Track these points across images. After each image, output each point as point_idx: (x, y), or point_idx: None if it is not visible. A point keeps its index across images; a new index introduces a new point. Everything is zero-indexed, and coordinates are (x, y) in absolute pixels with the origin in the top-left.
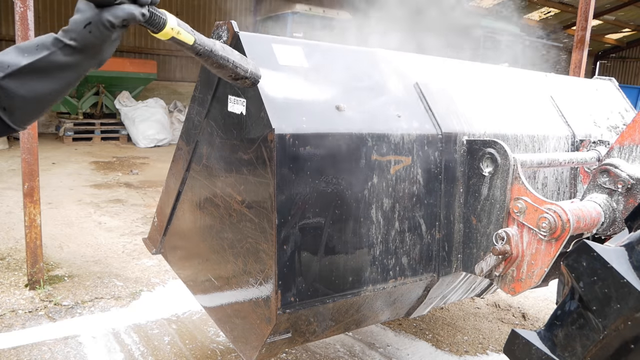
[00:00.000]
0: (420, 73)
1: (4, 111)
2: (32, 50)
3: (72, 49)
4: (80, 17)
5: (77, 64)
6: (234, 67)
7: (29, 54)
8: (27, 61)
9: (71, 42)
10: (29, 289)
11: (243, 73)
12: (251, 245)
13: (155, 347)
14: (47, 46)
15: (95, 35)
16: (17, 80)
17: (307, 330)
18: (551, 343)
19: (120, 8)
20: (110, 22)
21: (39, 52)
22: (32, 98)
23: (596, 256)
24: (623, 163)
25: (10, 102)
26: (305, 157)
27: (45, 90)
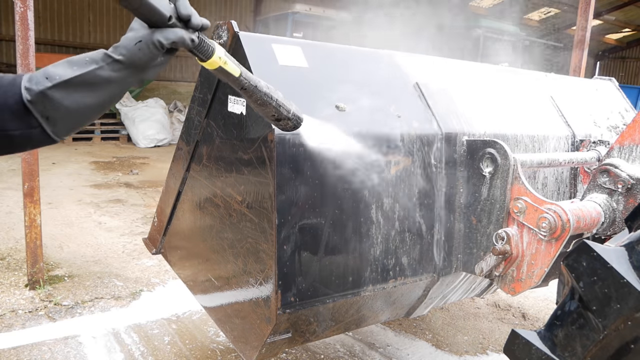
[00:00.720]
0: (421, 73)
1: (46, 120)
2: (82, 63)
3: (120, 64)
4: (132, 34)
5: (121, 80)
6: (277, 106)
7: (78, 67)
8: (76, 73)
9: (120, 58)
10: (29, 289)
11: (286, 113)
12: (251, 245)
13: (155, 347)
14: (97, 60)
15: (144, 53)
16: (64, 91)
17: (307, 330)
18: (551, 343)
19: (171, 31)
20: (160, 43)
21: (88, 65)
22: (76, 110)
23: (596, 256)
24: (623, 163)
25: (54, 112)
26: (305, 157)
27: (89, 103)
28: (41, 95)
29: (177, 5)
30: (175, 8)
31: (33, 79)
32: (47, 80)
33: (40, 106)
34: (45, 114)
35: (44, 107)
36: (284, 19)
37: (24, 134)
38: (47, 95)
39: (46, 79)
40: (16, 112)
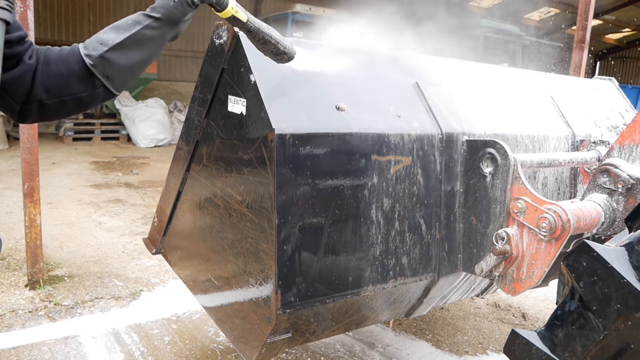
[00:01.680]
0: (421, 73)
1: (107, 79)
2: (127, 26)
3: (159, 21)
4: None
5: (161, 36)
6: (275, 43)
7: (124, 30)
8: (125, 35)
9: (159, 15)
10: (29, 289)
11: (282, 48)
12: (251, 245)
13: (155, 347)
14: (139, 21)
15: (179, 10)
16: (119, 52)
17: (307, 330)
18: (551, 343)
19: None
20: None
21: (133, 27)
22: (129, 66)
23: (596, 256)
24: (623, 163)
25: (112, 71)
26: (305, 157)
27: (139, 58)
28: (100, 58)
29: None
30: None
31: (89, 47)
32: (102, 46)
33: (100, 68)
34: (105, 73)
35: (103, 68)
36: (283, 19)
37: (90, 95)
38: (105, 58)
39: (101, 45)
40: (82, 76)
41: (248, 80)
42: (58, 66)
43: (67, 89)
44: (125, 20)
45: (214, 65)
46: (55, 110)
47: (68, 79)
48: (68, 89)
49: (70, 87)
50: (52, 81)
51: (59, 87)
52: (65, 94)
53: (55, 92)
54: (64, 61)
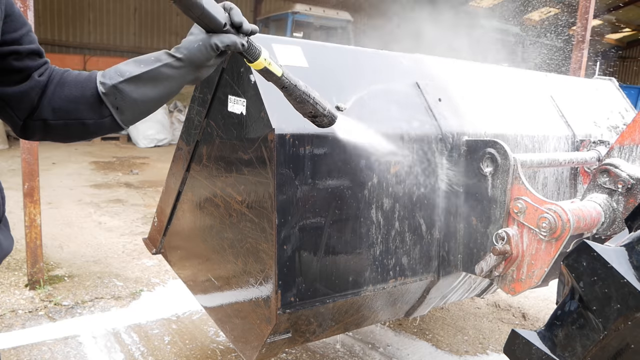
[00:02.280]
0: (421, 73)
1: (116, 110)
2: (148, 61)
3: (181, 62)
4: (193, 37)
5: (180, 77)
6: (314, 104)
7: (145, 64)
8: (144, 70)
9: (181, 56)
10: (29, 288)
11: (322, 110)
12: (251, 245)
13: (155, 347)
14: (161, 59)
15: (202, 54)
16: (133, 85)
17: (307, 330)
18: (551, 343)
19: (226, 36)
20: (216, 45)
21: (154, 63)
22: (142, 101)
23: (596, 256)
24: (623, 163)
25: (123, 103)
26: (305, 157)
27: (153, 95)
28: (113, 88)
29: (230, 14)
30: (229, 16)
31: (106, 75)
32: (118, 76)
33: (112, 97)
34: (116, 104)
35: (115, 99)
36: (283, 19)
37: (97, 123)
38: (119, 88)
39: (118, 75)
40: (92, 104)
41: (248, 80)
42: (71, 89)
43: (75, 113)
44: (148, 55)
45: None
46: (60, 132)
47: (77, 103)
48: (75, 113)
49: (78, 111)
50: (61, 103)
51: (67, 110)
52: (72, 117)
53: (62, 114)
54: (78, 85)
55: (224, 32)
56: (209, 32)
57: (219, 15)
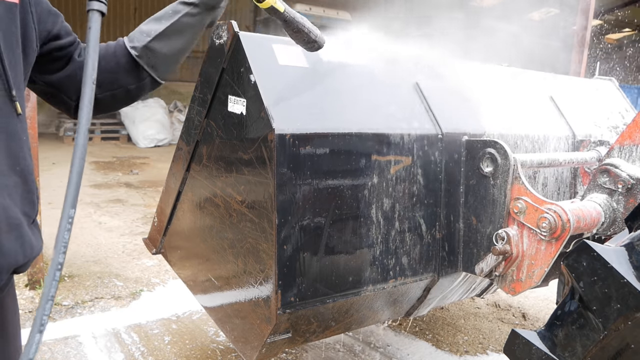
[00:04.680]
0: (421, 73)
1: (152, 68)
2: (167, 16)
3: (197, 7)
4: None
5: (200, 22)
6: (308, 32)
7: (165, 19)
8: (166, 25)
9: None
10: (29, 288)
11: (313, 37)
12: (251, 245)
13: (155, 347)
14: (178, 10)
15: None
16: (161, 41)
17: (307, 330)
18: (551, 343)
19: None
20: None
21: (173, 16)
22: (172, 54)
23: (596, 256)
24: (623, 163)
25: (156, 60)
26: (305, 157)
27: (181, 45)
28: (145, 49)
29: None
30: None
31: (134, 39)
32: (145, 37)
33: (145, 58)
34: (150, 63)
35: (148, 59)
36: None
37: (138, 86)
38: (149, 48)
39: (145, 36)
40: (129, 69)
41: (248, 80)
42: (107, 62)
43: (117, 83)
44: (165, 10)
45: (214, 65)
46: (107, 103)
47: (117, 73)
48: (118, 82)
49: (120, 80)
50: (103, 76)
51: (110, 81)
52: (115, 87)
53: (107, 86)
54: (111, 56)
55: None
56: None
57: None
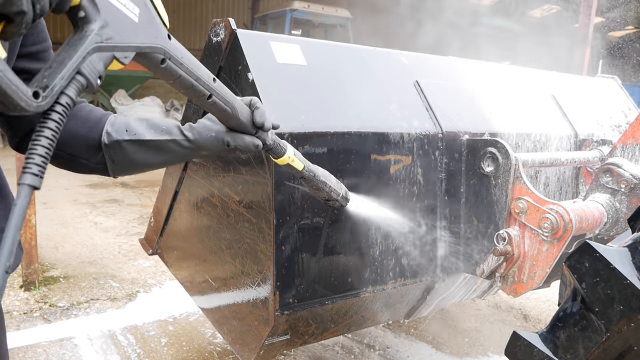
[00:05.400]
0: (421, 71)
1: (112, 163)
2: (159, 130)
3: (190, 142)
4: (209, 124)
5: (185, 155)
6: (329, 191)
7: (154, 131)
8: (151, 137)
9: (192, 138)
10: (24, 290)
11: (335, 196)
12: (249, 246)
13: (151, 349)
14: (172, 133)
15: (212, 144)
16: (137, 147)
17: (305, 332)
18: (553, 345)
19: (240, 137)
20: (228, 142)
21: (163, 134)
22: (139, 163)
23: (599, 257)
24: (626, 162)
25: (121, 159)
26: (303, 156)
27: (152, 162)
28: (117, 143)
29: (254, 114)
30: (252, 114)
31: (115, 125)
32: (126, 133)
33: (112, 151)
34: (113, 158)
35: (114, 152)
36: (282, 17)
37: (88, 165)
38: (122, 145)
39: (126, 132)
40: (91, 146)
41: (246, 79)
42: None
43: (71, 149)
44: (161, 122)
45: (211, 63)
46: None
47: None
48: (72, 149)
49: (75, 148)
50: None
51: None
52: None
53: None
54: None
55: (241, 133)
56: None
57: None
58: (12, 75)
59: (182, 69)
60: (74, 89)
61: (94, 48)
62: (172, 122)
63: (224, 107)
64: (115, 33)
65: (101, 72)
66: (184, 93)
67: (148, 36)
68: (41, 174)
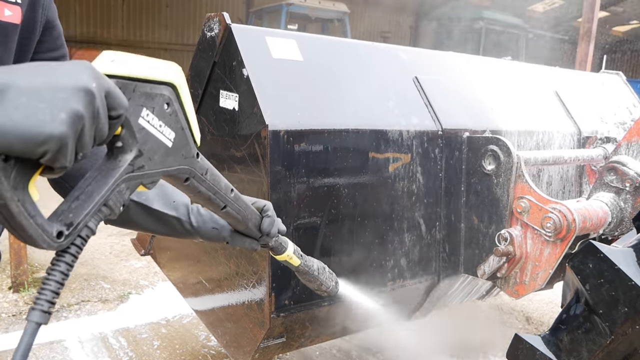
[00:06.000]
0: (420, 67)
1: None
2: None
3: (191, 227)
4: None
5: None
6: (319, 284)
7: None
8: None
9: (194, 224)
10: (13, 291)
11: (325, 289)
12: None
13: (144, 352)
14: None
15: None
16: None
17: (302, 334)
18: (556, 348)
19: (242, 240)
20: (229, 241)
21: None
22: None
23: (603, 257)
24: (631, 160)
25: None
26: (300, 154)
27: (150, 228)
28: None
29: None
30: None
31: None
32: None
33: None
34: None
35: None
36: (277, 11)
37: None
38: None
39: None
40: None
41: (240, 75)
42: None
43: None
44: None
45: (205, 59)
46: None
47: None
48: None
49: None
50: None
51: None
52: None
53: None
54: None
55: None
56: None
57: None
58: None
59: (204, 185)
60: (96, 221)
61: (124, 179)
62: (183, 198)
63: (235, 215)
64: (147, 162)
65: (126, 201)
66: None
67: (177, 159)
68: (50, 310)
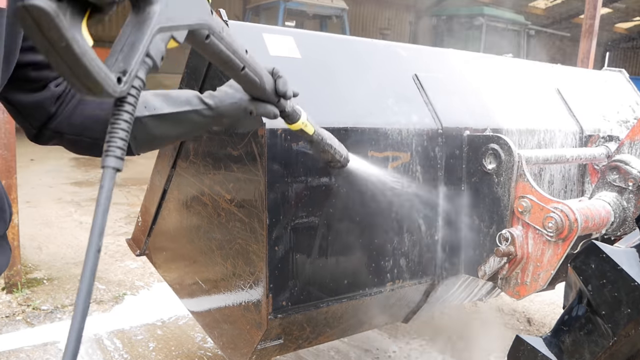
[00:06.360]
0: (420, 64)
1: (134, 140)
2: (178, 102)
3: (211, 110)
4: (230, 92)
5: (206, 124)
6: (334, 153)
7: (174, 104)
8: (171, 110)
9: (213, 105)
10: (6, 292)
11: (339, 158)
12: (241, 247)
13: (139, 354)
14: (192, 103)
15: (234, 112)
16: (157, 122)
17: (300, 336)
18: (558, 349)
19: (262, 106)
20: (250, 111)
21: (183, 105)
22: (160, 137)
23: (605, 258)
24: (634, 159)
25: (142, 135)
26: (298, 153)
27: (174, 134)
28: (137, 120)
29: (277, 83)
30: (275, 83)
31: None
32: (145, 109)
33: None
34: (135, 134)
35: (135, 130)
36: (275, 8)
37: None
38: (142, 122)
39: (144, 108)
40: None
41: None
42: (94, 108)
43: (91, 132)
44: (180, 93)
45: (202, 57)
46: (71, 143)
47: (97, 123)
48: (91, 131)
49: (95, 131)
50: (81, 119)
51: (84, 126)
52: (86, 135)
53: (78, 129)
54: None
55: (263, 101)
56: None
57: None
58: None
59: (223, 43)
60: (144, 71)
61: (157, 29)
62: (191, 92)
63: (254, 78)
64: (174, 13)
65: (164, 53)
66: (220, 67)
67: (198, 13)
68: (122, 157)
